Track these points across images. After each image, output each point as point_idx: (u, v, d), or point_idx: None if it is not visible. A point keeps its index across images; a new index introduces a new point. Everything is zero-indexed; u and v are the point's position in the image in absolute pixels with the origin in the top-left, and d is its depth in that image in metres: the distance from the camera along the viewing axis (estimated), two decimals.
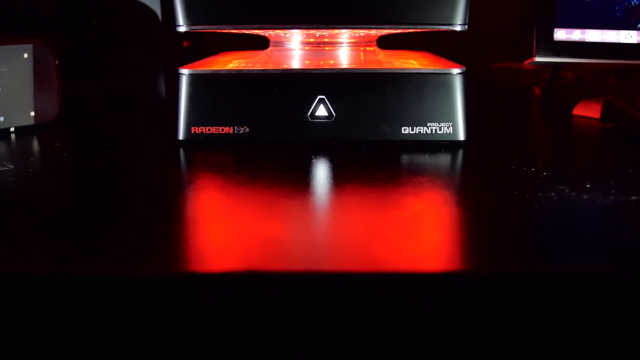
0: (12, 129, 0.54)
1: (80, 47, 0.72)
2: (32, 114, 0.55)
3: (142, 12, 0.69)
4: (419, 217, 0.33)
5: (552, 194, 0.37)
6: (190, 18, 0.47)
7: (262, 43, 0.58)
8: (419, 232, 0.31)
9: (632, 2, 0.60)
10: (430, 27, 0.47)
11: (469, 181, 0.41)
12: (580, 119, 0.61)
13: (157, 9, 0.69)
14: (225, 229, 0.32)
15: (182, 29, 0.47)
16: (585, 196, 0.36)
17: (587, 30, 0.60)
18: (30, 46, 0.54)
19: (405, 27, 0.47)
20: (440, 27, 0.47)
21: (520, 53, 0.63)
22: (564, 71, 0.85)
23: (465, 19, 0.47)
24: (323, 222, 0.33)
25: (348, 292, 0.27)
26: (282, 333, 0.27)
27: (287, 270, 0.27)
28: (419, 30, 0.48)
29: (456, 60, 0.51)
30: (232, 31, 0.49)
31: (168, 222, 0.33)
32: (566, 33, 0.60)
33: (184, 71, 0.47)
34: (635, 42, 0.60)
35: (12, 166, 0.44)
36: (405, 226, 0.32)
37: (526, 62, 0.61)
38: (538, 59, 0.59)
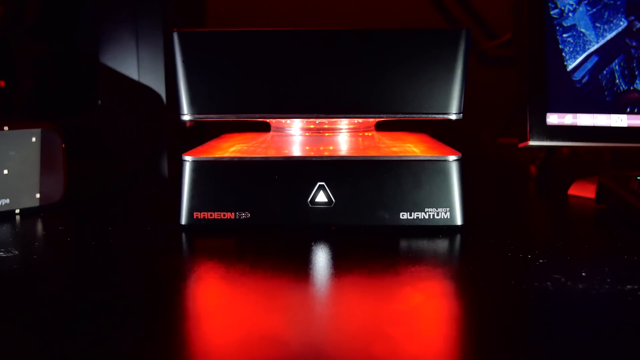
0: (17, 211, 0.55)
1: (85, 127, 0.74)
2: (38, 196, 0.56)
3: (146, 93, 0.71)
4: (417, 310, 0.34)
5: (548, 283, 0.37)
6: (194, 108, 0.49)
7: (264, 123, 0.59)
8: (417, 327, 0.32)
9: (621, 88, 0.62)
10: (426, 116, 0.49)
11: (467, 270, 0.41)
12: (576, 199, 0.62)
13: (162, 91, 0.71)
14: (226, 325, 0.32)
15: (186, 117, 0.49)
16: (580, 285, 0.37)
17: (578, 115, 0.62)
18: (38, 130, 0.56)
19: (402, 116, 0.49)
20: (436, 116, 0.49)
21: (517, 128, 0.64)
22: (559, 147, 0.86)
23: (460, 108, 0.48)
24: (323, 317, 0.34)
25: None
26: None
27: None
28: (415, 119, 0.49)
29: (454, 135, 0.52)
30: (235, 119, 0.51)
31: (168, 318, 0.33)
32: (558, 117, 0.62)
33: (187, 158, 0.49)
34: (625, 125, 0.62)
35: (16, 252, 0.44)
36: (404, 321, 0.32)
37: (520, 145, 0.62)
38: (532, 143, 0.61)
